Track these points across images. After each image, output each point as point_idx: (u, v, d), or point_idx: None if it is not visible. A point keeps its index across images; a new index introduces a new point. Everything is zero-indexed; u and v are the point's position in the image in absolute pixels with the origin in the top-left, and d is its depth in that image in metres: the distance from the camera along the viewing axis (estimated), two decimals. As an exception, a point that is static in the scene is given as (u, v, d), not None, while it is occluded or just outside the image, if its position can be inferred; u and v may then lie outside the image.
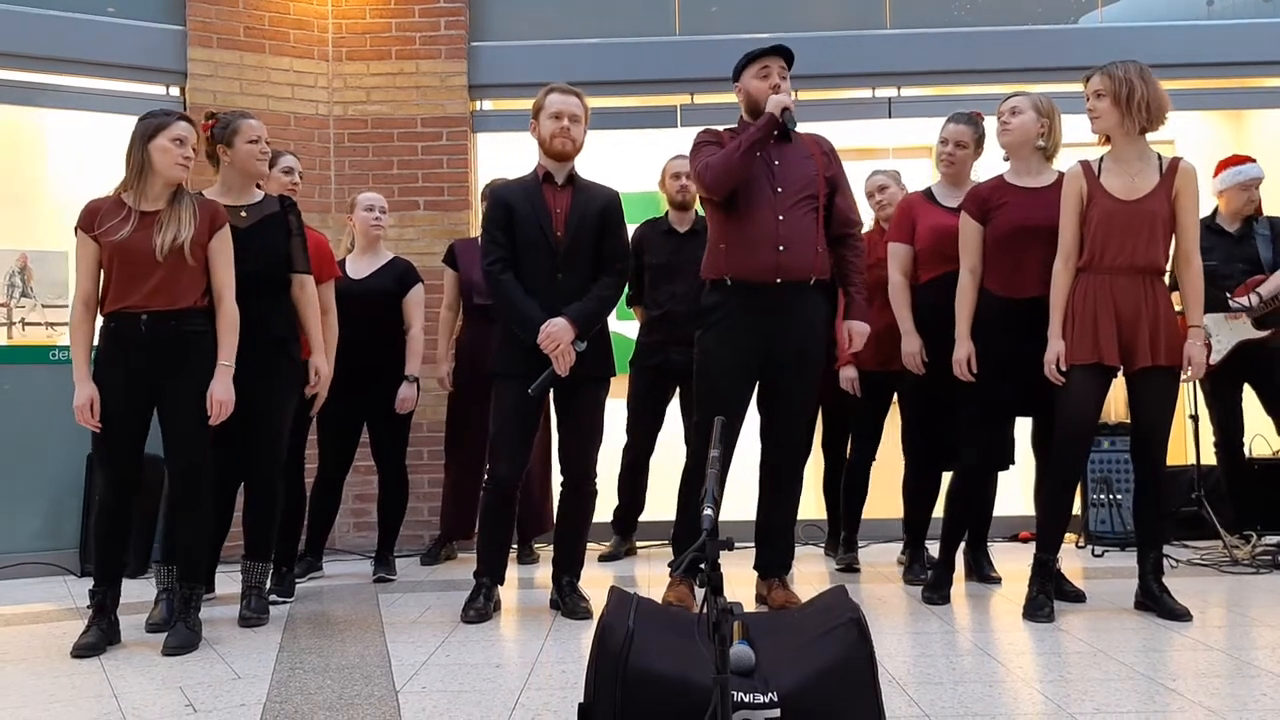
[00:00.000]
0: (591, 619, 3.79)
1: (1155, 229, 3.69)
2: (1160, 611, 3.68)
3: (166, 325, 3.50)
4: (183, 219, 3.51)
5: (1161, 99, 3.72)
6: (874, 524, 5.26)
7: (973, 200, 4.08)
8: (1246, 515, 5.14)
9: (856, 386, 4.70)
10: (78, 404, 3.48)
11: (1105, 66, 3.75)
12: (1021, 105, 4.03)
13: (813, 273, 3.85)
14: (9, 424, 5.29)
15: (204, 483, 3.59)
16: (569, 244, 3.90)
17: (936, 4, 6.19)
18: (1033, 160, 4.04)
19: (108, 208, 3.54)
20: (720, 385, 3.87)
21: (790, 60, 3.95)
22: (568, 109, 3.94)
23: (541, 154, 4.01)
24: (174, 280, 3.50)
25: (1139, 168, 3.74)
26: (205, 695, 2.95)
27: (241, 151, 3.92)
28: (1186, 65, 5.97)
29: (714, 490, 2.05)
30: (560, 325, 3.79)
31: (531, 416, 3.93)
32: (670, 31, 6.14)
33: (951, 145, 4.44)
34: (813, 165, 3.92)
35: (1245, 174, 5.20)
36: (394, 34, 6.03)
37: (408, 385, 4.87)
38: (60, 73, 5.54)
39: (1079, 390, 3.72)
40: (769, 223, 3.81)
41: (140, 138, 3.53)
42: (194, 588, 3.62)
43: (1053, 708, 2.66)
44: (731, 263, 3.85)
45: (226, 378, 3.57)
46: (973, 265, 4.06)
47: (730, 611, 1.87)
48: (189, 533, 3.62)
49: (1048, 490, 3.87)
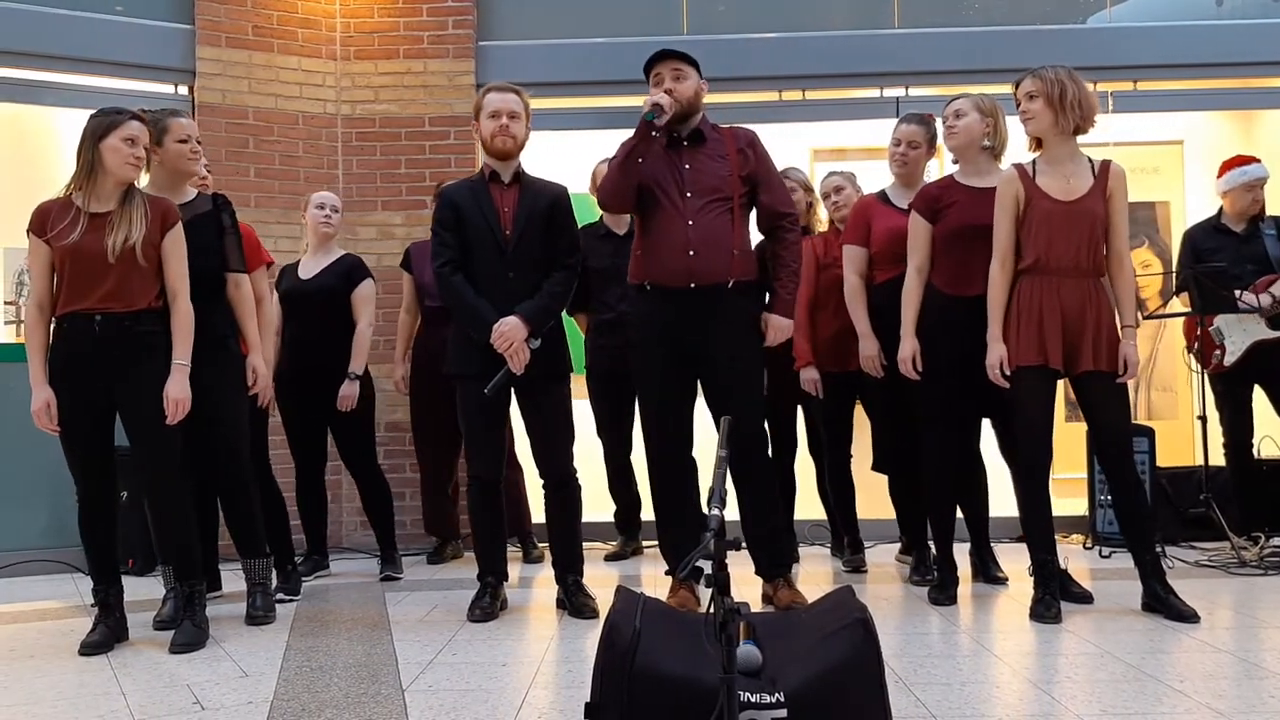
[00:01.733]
0: (598, 618, 3.79)
1: (1095, 229, 3.73)
2: (1168, 613, 3.67)
3: (120, 327, 3.47)
4: (134, 219, 3.47)
5: (1091, 99, 3.76)
6: (880, 524, 5.25)
7: (923, 199, 4.12)
8: (1255, 517, 5.11)
9: (819, 388, 4.70)
10: (35, 408, 3.47)
11: (1034, 70, 3.79)
12: (964, 108, 4.08)
13: (729, 276, 3.80)
14: (16, 421, 5.29)
15: (174, 481, 3.57)
16: (517, 242, 3.90)
17: (945, 4, 6.18)
18: (980, 160, 4.08)
19: (57, 210, 3.50)
20: (653, 387, 3.88)
21: (683, 57, 3.88)
22: (505, 107, 3.93)
23: (485, 153, 4.01)
24: (127, 281, 3.46)
25: (1072, 169, 3.78)
26: (212, 693, 2.95)
27: (171, 150, 3.86)
28: (1195, 65, 5.96)
29: (720, 490, 2.05)
30: (512, 324, 3.79)
31: (498, 411, 3.95)
32: (678, 31, 6.14)
33: (904, 146, 4.46)
34: (726, 165, 3.87)
35: (1249, 174, 5.19)
36: (402, 33, 6.03)
37: (349, 384, 4.82)
38: (69, 71, 5.56)
39: (1030, 392, 3.73)
40: (679, 228, 3.79)
41: (91, 136, 3.49)
42: (193, 585, 3.62)
43: (1059, 708, 2.65)
44: (648, 269, 3.86)
45: (182, 377, 3.52)
46: (920, 263, 4.09)
47: (737, 611, 1.87)
48: (171, 532, 3.62)
49: (1022, 493, 3.87)
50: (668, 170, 3.85)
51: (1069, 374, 3.77)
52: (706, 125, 3.94)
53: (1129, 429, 3.80)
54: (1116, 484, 3.77)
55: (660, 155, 3.87)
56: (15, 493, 5.28)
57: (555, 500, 4.01)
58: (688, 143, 3.90)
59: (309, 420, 4.91)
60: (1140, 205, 6.06)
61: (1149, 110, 6.10)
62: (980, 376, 3.87)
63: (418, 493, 5.51)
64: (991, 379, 3.78)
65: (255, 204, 5.67)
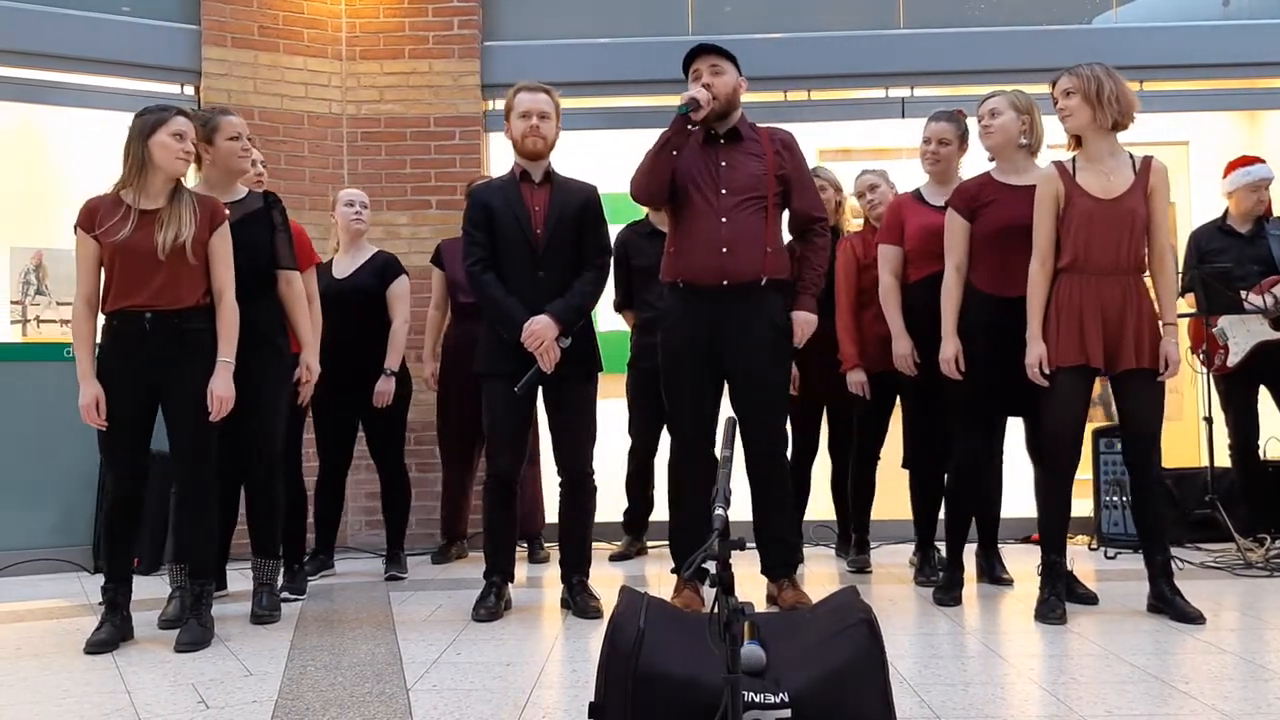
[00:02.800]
0: (602, 618, 3.79)
1: (1135, 227, 3.70)
2: (1173, 614, 3.66)
3: (170, 324, 3.50)
4: (183, 217, 3.50)
5: (1130, 95, 3.73)
6: (885, 525, 5.24)
7: (960, 197, 4.08)
8: (1261, 518, 5.11)
9: (866, 389, 4.68)
10: (83, 403, 3.49)
11: (1071, 67, 3.77)
12: (1000, 106, 4.05)
13: (762, 273, 3.80)
14: (24, 420, 5.32)
15: (209, 480, 3.60)
16: (548, 241, 3.91)
17: (950, 4, 6.17)
18: (1018, 158, 4.06)
19: (107, 206, 3.53)
20: (682, 385, 3.88)
21: (721, 52, 3.86)
22: (536, 107, 3.94)
23: (515, 153, 4.02)
24: (176, 279, 3.50)
25: (1113, 165, 3.75)
26: (217, 692, 2.96)
27: (223, 149, 3.90)
28: (1201, 65, 5.95)
29: (725, 489, 2.05)
30: (543, 322, 3.80)
31: (523, 411, 3.94)
32: (683, 31, 6.14)
33: (935, 143, 4.44)
34: (761, 164, 3.87)
35: (1253, 175, 5.18)
36: (407, 33, 6.04)
37: (385, 379, 4.83)
38: (75, 71, 5.57)
39: (1065, 393, 3.71)
40: (712, 225, 3.78)
41: (139, 134, 3.52)
42: (204, 585, 3.64)
43: (1064, 710, 2.65)
44: (680, 266, 3.85)
45: (227, 374, 3.57)
46: (958, 262, 4.06)
47: (741, 611, 1.87)
48: (196, 530, 3.63)
49: (1044, 492, 3.87)
50: (703, 167, 3.84)
51: (1109, 372, 3.74)
52: (744, 124, 3.93)
53: (1159, 428, 3.76)
54: (1139, 481, 3.76)
55: (696, 151, 3.86)
56: (22, 492, 5.29)
57: (570, 498, 4.01)
58: (725, 140, 3.89)
59: (342, 419, 4.91)
60: (1146, 206, 6.04)
61: (1154, 111, 6.06)
62: (1013, 376, 3.86)
63: (426, 492, 5.51)
64: (1030, 378, 3.75)
65: (261, 204, 5.69)
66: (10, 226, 5.45)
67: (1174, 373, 3.74)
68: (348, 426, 4.95)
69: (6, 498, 5.26)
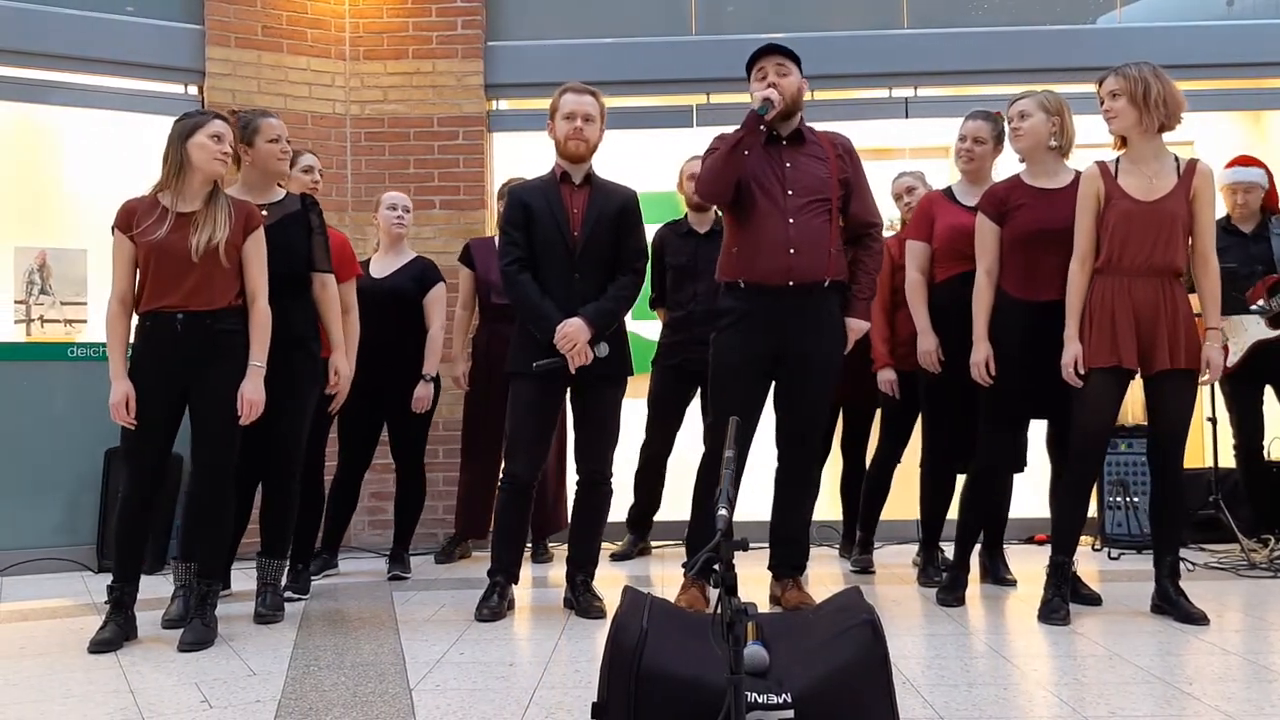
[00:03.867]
0: (605, 618, 3.79)
1: (1174, 230, 3.66)
2: (1177, 615, 3.66)
3: (202, 325, 3.53)
4: (218, 220, 3.53)
5: (1177, 96, 3.70)
6: (888, 525, 5.23)
7: (989, 200, 4.06)
8: (1265, 519, 5.10)
9: (895, 388, 4.68)
10: (114, 401, 3.50)
11: (1118, 68, 3.74)
12: (1029, 108, 4.01)
13: (826, 275, 3.82)
14: (28, 420, 5.33)
15: (228, 482, 3.61)
16: (586, 244, 3.91)
17: (954, 4, 6.17)
18: (1048, 160, 4.02)
19: (144, 208, 3.57)
20: (735, 386, 3.86)
21: (787, 53, 3.88)
22: (581, 109, 3.94)
23: (557, 154, 4.01)
24: (209, 281, 3.53)
25: (1156, 168, 3.72)
26: (220, 691, 2.96)
27: (263, 150, 3.95)
28: (1205, 66, 5.93)
29: (729, 491, 2.05)
30: (577, 325, 3.80)
31: (549, 414, 3.94)
32: (686, 31, 6.14)
33: (970, 141, 4.41)
34: (825, 167, 3.89)
35: (1233, 177, 5.19)
36: (411, 33, 6.04)
37: (424, 385, 4.88)
38: (79, 71, 5.57)
39: (1097, 394, 3.70)
40: (780, 226, 3.79)
41: (178, 137, 3.57)
42: (211, 584, 3.64)
43: (1067, 711, 2.65)
44: (744, 266, 3.84)
45: (258, 378, 3.59)
46: (989, 266, 4.04)
47: (745, 612, 1.87)
48: (212, 530, 3.64)
49: (1064, 493, 3.85)
50: (768, 168, 3.84)
51: (1144, 374, 3.72)
52: (804, 126, 3.94)
53: (1186, 428, 3.75)
54: (1160, 481, 3.75)
55: (760, 153, 3.85)
56: (26, 491, 5.30)
57: (586, 498, 4.02)
58: (788, 142, 3.89)
59: (368, 420, 4.92)
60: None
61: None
62: (1044, 378, 3.85)
63: (432, 492, 5.50)
64: (1065, 378, 3.74)
65: (264, 204, 5.69)
66: (14, 226, 5.45)
67: (1216, 376, 3.74)
68: (373, 429, 4.96)
69: (10, 497, 5.27)
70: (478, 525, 5.31)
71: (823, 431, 4.03)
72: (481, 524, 5.29)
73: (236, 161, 3.95)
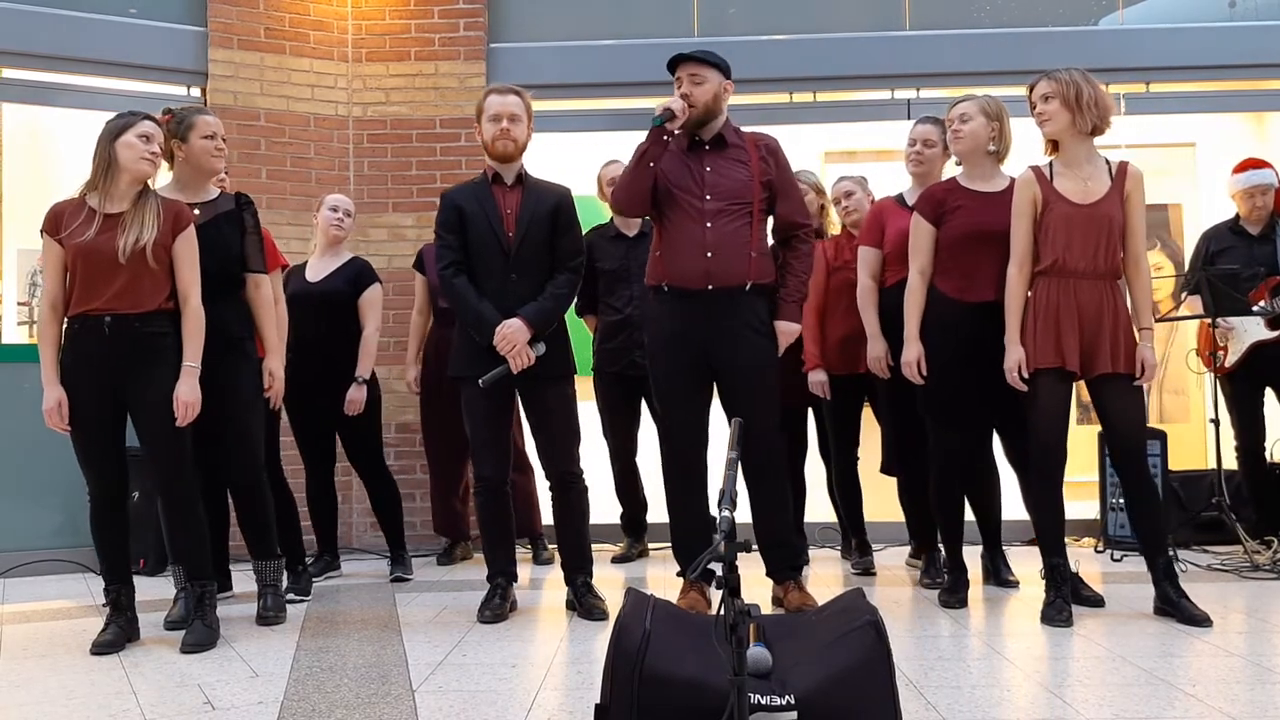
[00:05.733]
0: (608, 619, 3.79)
1: (1113, 232, 3.71)
2: (1180, 617, 3.65)
3: (130, 328, 3.48)
4: (145, 221, 3.48)
5: (1108, 99, 3.74)
6: (890, 527, 5.24)
7: (926, 201, 4.10)
8: (1268, 520, 5.09)
9: (826, 389, 4.71)
10: (46, 407, 3.49)
11: (1049, 71, 3.77)
12: (970, 111, 4.05)
13: (746, 278, 3.81)
14: (29, 421, 5.28)
15: (188, 482, 3.58)
16: (521, 244, 3.91)
17: (956, 5, 6.16)
18: (985, 164, 4.07)
19: (71, 210, 3.52)
20: (672, 387, 3.89)
21: (702, 60, 3.85)
22: (505, 109, 3.94)
23: (487, 156, 4.03)
24: (137, 283, 3.47)
25: (1090, 171, 3.75)
26: (223, 693, 2.96)
27: (196, 147, 3.86)
28: (1207, 67, 5.94)
29: (731, 491, 2.04)
30: (515, 326, 3.81)
31: (502, 415, 3.95)
32: (688, 33, 6.14)
33: (919, 145, 4.46)
34: (747, 171, 3.88)
35: (1249, 180, 5.18)
36: (413, 35, 6.05)
37: (357, 387, 4.82)
38: (82, 73, 5.58)
39: (1046, 395, 3.71)
40: (697, 230, 3.80)
41: (106, 137, 3.52)
42: (204, 585, 3.63)
43: (1070, 712, 2.65)
44: (666, 269, 3.86)
45: (192, 379, 3.53)
46: (922, 266, 4.08)
47: (747, 613, 1.87)
48: (185, 533, 3.63)
49: (1035, 497, 3.86)
50: (687, 173, 3.86)
51: (1085, 376, 3.75)
52: (729, 129, 3.94)
53: (1144, 432, 3.79)
54: (1130, 487, 3.76)
55: (680, 158, 3.88)
56: (27, 493, 5.30)
57: (561, 500, 4.01)
58: (709, 146, 3.90)
59: (316, 423, 4.91)
60: (1152, 208, 6.02)
61: (1161, 112, 6.09)
62: (989, 381, 3.87)
63: (428, 494, 5.52)
64: (1010, 382, 3.76)
65: (266, 205, 5.68)
66: (17, 228, 5.46)
67: (1150, 378, 3.75)
68: (323, 429, 4.94)
69: (13, 498, 5.27)
70: (451, 525, 5.35)
71: (773, 428, 3.96)
72: (454, 524, 5.34)
73: (170, 158, 3.86)
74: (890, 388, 4.40)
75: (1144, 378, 3.73)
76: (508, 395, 3.97)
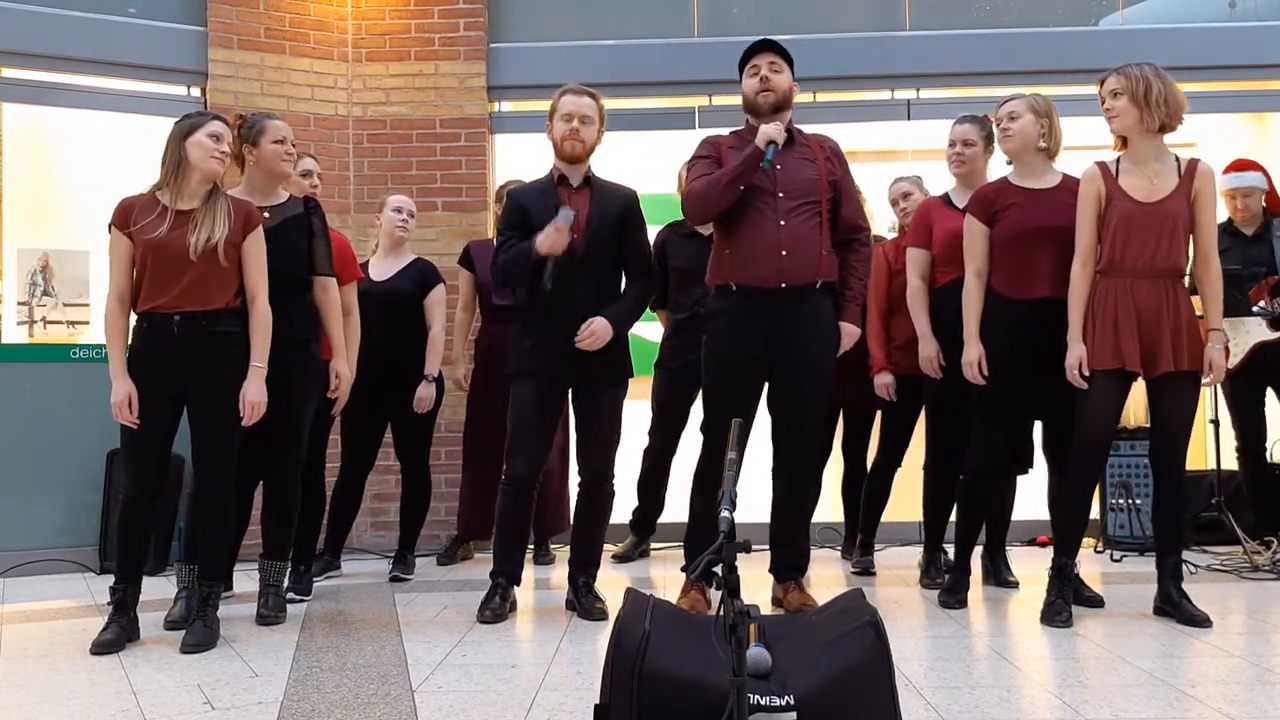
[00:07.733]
0: (607, 620, 3.79)
1: (1176, 231, 3.66)
2: (1180, 617, 3.65)
3: (198, 326, 3.52)
4: (217, 219, 3.53)
5: (1179, 96, 3.70)
6: (890, 527, 5.24)
7: (978, 202, 4.08)
8: (1268, 521, 5.09)
9: (892, 391, 4.68)
10: (115, 400, 3.50)
11: (1120, 67, 3.74)
12: (1018, 109, 4.03)
13: (817, 276, 3.83)
14: (30, 421, 5.33)
15: (228, 484, 3.61)
16: (588, 246, 3.90)
17: (956, 6, 6.17)
18: (1036, 162, 4.04)
19: (142, 205, 3.56)
20: (727, 389, 3.87)
21: (781, 51, 3.90)
22: (578, 110, 3.93)
23: (555, 156, 4.01)
24: (206, 280, 3.52)
25: (1157, 169, 3.72)
26: (223, 693, 2.96)
27: (267, 151, 3.95)
28: (1208, 67, 5.94)
29: (731, 492, 2.05)
30: (601, 324, 3.81)
31: (550, 415, 3.93)
32: (689, 33, 6.14)
33: (959, 145, 4.44)
34: (815, 169, 3.89)
35: (1234, 182, 5.19)
36: (413, 35, 6.05)
37: (426, 385, 4.90)
38: (82, 73, 5.58)
39: (1100, 396, 3.69)
40: (771, 228, 3.79)
41: (177, 136, 3.57)
42: (213, 586, 3.64)
43: (1070, 713, 2.65)
44: (735, 268, 3.84)
45: (260, 379, 3.59)
46: (978, 267, 4.05)
47: (747, 613, 1.87)
48: (212, 531, 3.63)
49: (1066, 494, 3.84)
50: (760, 170, 3.82)
51: (1146, 376, 3.72)
52: (793, 127, 3.94)
53: (1188, 432, 3.76)
54: (1162, 484, 3.75)
55: None
56: (27, 493, 5.30)
57: (588, 499, 4.02)
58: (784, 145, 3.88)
59: (370, 422, 4.93)
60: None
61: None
62: (1039, 376, 3.86)
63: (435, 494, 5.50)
64: (1070, 379, 3.73)
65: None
66: (17, 228, 5.46)
67: (1219, 378, 3.74)
68: (375, 430, 4.97)
69: (13, 499, 5.27)
70: (479, 527, 5.31)
71: (819, 431, 4.02)
72: (483, 525, 5.28)
73: (240, 162, 3.95)
74: (941, 387, 4.35)
75: (1211, 378, 3.71)
76: (560, 395, 3.96)
